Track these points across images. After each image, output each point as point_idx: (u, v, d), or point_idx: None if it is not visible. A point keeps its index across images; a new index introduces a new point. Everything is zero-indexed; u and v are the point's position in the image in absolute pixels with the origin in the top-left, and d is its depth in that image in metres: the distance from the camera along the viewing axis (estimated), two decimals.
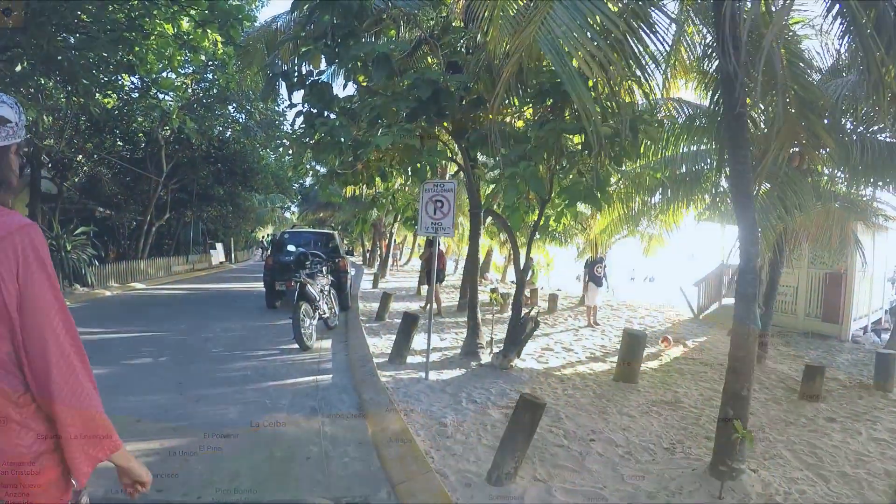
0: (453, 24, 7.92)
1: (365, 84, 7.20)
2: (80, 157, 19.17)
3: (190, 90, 18.01)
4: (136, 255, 20.54)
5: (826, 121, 7.02)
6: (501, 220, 7.89)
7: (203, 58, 12.47)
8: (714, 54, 6.37)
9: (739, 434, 4.07)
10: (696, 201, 10.67)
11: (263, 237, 46.92)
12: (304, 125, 7.06)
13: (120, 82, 14.27)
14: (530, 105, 7.10)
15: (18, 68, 10.79)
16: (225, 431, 4.71)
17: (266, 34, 9.81)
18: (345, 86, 7.63)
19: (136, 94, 15.93)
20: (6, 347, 1.33)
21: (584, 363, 8.46)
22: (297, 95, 7.08)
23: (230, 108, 20.51)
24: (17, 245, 1.33)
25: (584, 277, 12.95)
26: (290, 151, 7.58)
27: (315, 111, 6.95)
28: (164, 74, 11.42)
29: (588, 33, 3.81)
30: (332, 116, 6.67)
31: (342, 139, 6.13)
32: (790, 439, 5.38)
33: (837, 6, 4.67)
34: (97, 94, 13.79)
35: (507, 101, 7.17)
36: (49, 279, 1.39)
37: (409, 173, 7.66)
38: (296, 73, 7.07)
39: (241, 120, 21.46)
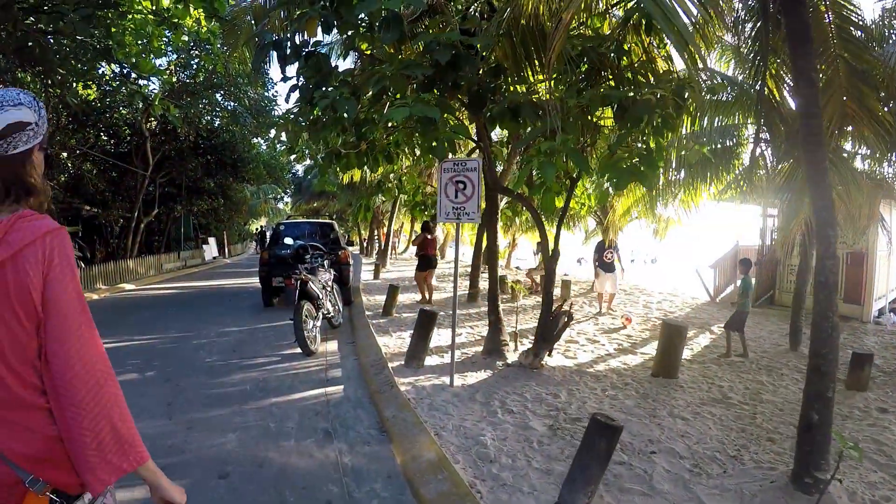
0: None
1: (369, 53, 6.35)
2: (64, 153, 18.31)
3: (175, 78, 17.21)
4: (125, 254, 19.68)
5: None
6: (527, 202, 7.07)
7: (186, 38, 11.62)
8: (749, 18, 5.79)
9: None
10: (717, 180, 10.17)
11: (257, 229, 46.21)
12: (300, 101, 6.22)
13: (100, 71, 13.46)
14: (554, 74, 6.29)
15: None
16: (224, 469, 3.90)
17: (253, 7, 8.93)
18: (344, 56, 6.79)
19: (117, 83, 15.07)
20: (35, 344, 1.34)
21: (615, 356, 7.82)
22: (291, 71, 6.26)
23: (218, 95, 19.65)
24: (45, 248, 1.35)
25: (594, 263, 12.19)
26: (284, 133, 6.72)
27: (311, 87, 6.11)
28: (145, 56, 10.52)
29: None
30: (332, 90, 5.81)
31: (345, 114, 5.28)
32: (852, 435, 4.98)
33: None
34: (74, 84, 12.96)
35: (523, 72, 6.40)
36: (73, 281, 1.40)
37: (420, 153, 6.86)
38: (288, 44, 6.23)
39: (229, 107, 20.57)
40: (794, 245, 10.11)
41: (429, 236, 12.35)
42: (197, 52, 15.47)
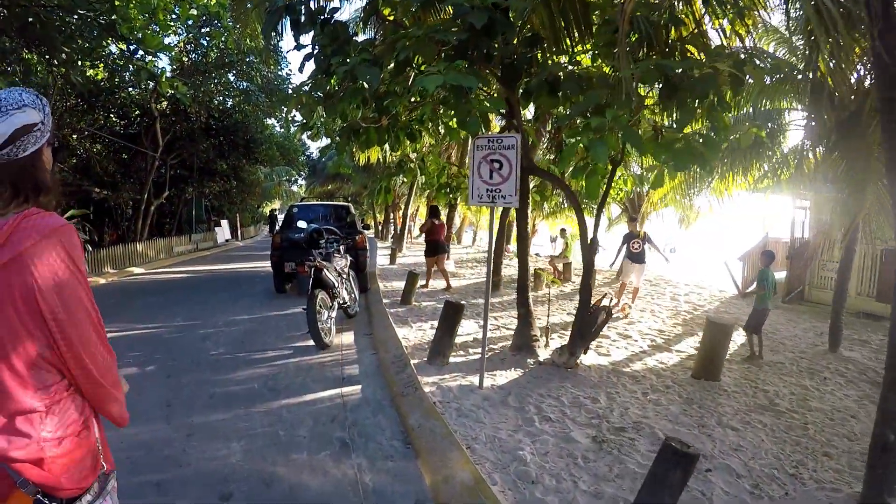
0: None
1: (392, 18, 5.76)
2: (74, 136, 17.91)
3: (186, 58, 16.73)
4: (136, 236, 19.28)
5: None
6: (565, 186, 6.44)
7: (194, 11, 11.07)
8: None
9: None
10: (754, 167, 9.61)
11: (270, 211, 45.95)
12: (315, 72, 5.65)
13: (105, 51, 13.02)
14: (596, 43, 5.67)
15: None
16: (226, 488, 3.37)
17: None
18: (364, 28, 6.20)
19: (123, 61, 14.60)
20: (38, 345, 1.34)
21: (650, 354, 7.28)
22: (306, 40, 5.71)
23: (230, 75, 19.13)
24: (52, 246, 1.33)
25: (619, 252, 11.51)
26: (297, 109, 6.15)
27: (327, 55, 5.54)
28: (150, 30, 10.00)
29: None
30: (351, 58, 5.23)
31: (366, 83, 4.71)
32: None
33: None
34: (79, 62, 12.51)
35: (562, 43, 5.80)
36: (81, 278, 1.40)
37: (444, 130, 6.26)
38: (302, 9, 5.66)
39: (242, 87, 20.04)
40: (834, 241, 9.47)
41: (436, 221, 11.98)
42: (207, 29, 14.92)
